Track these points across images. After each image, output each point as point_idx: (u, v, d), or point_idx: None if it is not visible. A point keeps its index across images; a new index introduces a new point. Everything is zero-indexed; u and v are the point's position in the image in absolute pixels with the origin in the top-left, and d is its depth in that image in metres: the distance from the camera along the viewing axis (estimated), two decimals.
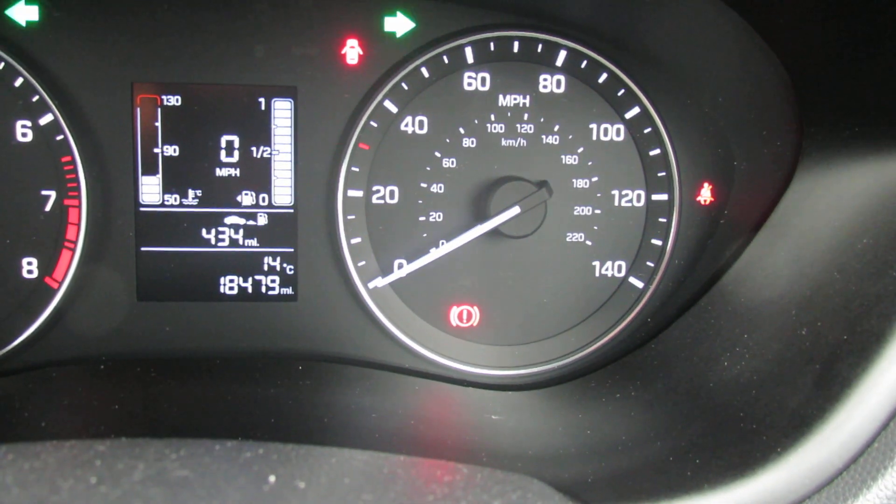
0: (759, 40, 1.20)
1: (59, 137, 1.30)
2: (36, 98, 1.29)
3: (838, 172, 1.19)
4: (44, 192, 1.32)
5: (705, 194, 1.41)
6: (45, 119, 1.30)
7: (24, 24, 1.29)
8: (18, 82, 1.28)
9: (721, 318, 1.26)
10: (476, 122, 1.37)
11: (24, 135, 1.30)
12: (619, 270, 1.43)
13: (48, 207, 1.32)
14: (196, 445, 0.72)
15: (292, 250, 1.38)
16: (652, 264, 1.41)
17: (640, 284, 1.42)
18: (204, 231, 1.36)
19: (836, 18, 1.08)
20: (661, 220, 1.41)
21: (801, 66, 1.20)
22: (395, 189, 1.38)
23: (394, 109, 1.35)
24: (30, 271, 1.33)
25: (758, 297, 1.22)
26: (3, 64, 1.28)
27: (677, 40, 1.32)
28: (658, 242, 1.41)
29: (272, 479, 0.67)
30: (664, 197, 1.41)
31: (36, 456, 0.68)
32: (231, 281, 1.38)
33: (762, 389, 1.05)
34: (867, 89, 1.12)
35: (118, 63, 1.31)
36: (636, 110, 1.39)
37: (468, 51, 1.35)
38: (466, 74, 1.37)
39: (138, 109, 1.33)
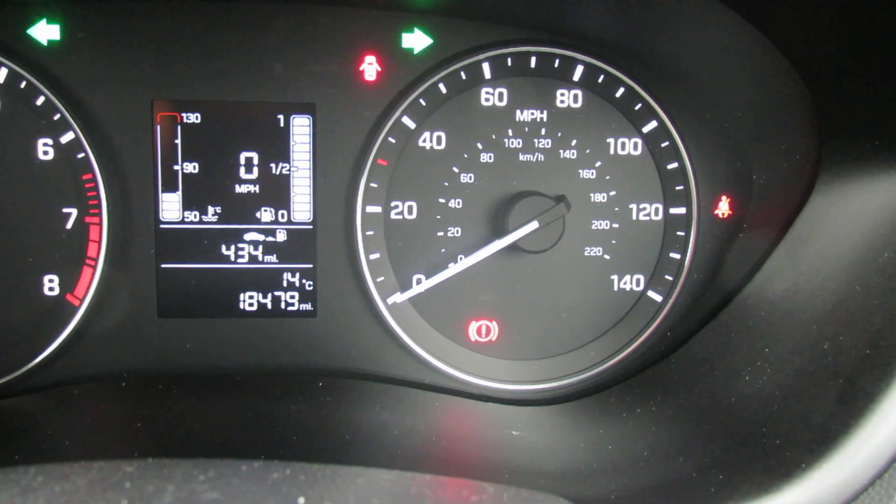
0: (778, 54, 1.20)
1: (80, 155, 1.31)
2: (57, 116, 1.30)
3: (858, 186, 1.19)
4: (65, 210, 1.33)
5: (723, 208, 1.40)
6: (67, 137, 1.31)
7: (45, 43, 1.30)
8: (40, 101, 1.30)
9: (741, 333, 1.26)
10: (494, 137, 1.38)
11: (45, 153, 1.31)
12: (638, 284, 1.43)
13: (69, 225, 1.33)
14: (224, 466, 0.72)
15: (311, 266, 1.39)
16: (670, 278, 1.41)
17: (658, 298, 1.42)
18: (223, 247, 1.37)
19: (854, 32, 1.08)
20: (679, 233, 1.41)
21: (819, 80, 1.20)
22: (414, 204, 1.38)
23: (412, 125, 1.36)
24: (51, 288, 1.34)
25: (778, 311, 1.21)
26: (24, 83, 1.29)
27: (695, 54, 1.32)
28: (676, 256, 1.41)
29: (301, 501, 0.67)
30: (682, 210, 1.40)
31: (66, 478, 0.69)
32: (250, 297, 1.38)
33: (785, 404, 1.04)
34: (887, 102, 1.12)
35: (138, 81, 1.33)
36: (653, 124, 1.39)
37: (486, 66, 1.36)
38: (484, 90, 1.37)
39: (158, 127, 1.34)
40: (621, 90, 1.38)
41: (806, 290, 1.18)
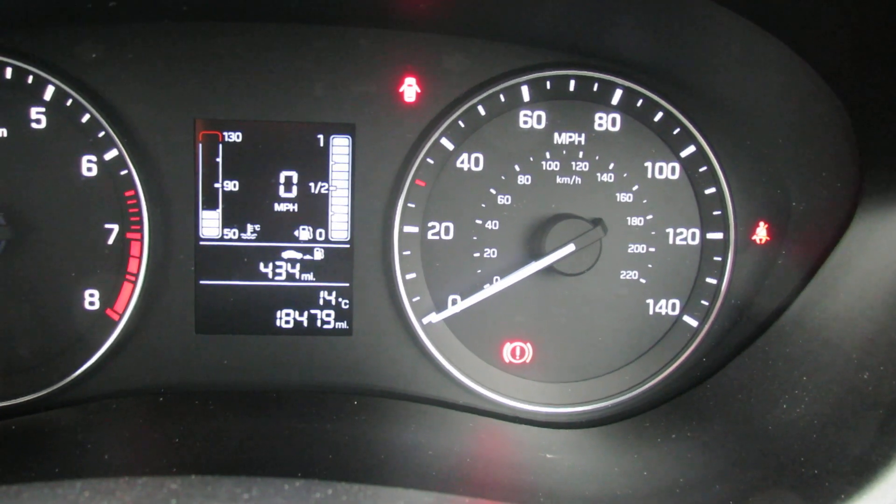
0: (819, 80, 1.19)
1: (124, 172, 1.33)
2: (102, 134, 1.32)
3: None
4: (107, 226, 1.35)
5: (761, 233, 1.40)
6: (111, 154, 1.33)
7: (91, 61, 1.33)
8: (85, 118, 1.32)
9: (779, 360, 1.25)
10: (531, 159, 1.38)
11: (89, 169, 1.34)
12: (673, 309, 1.42)
13: (111, 241, 1.35)
14: (266, 485, 0.73)
15: (348, 285, 1.39)
16: (706, 303, 1.41)
17: (694, 323, 1.41)
18: (261, 265, 1.38)
19: None
20: (716, 258, 1.40)
21: (861, 107, 1.19)
22: (451, 225, 1.39)
23: (450, 147, 1.37)
24: (92, 303, 1.36)
25: (817, 340, 1.21)
26: (70, 101, 1.32)
27: (734, 79, 1.32)
28: (713, 281, 1.40)
29: None
30: (719, 235, 1.40)
31: (112, 494, 0.69)
32: (287, 315, 1.39)
33: (823, 434, 1.04)
34: None
35: (181, 100, 1.35)
36: (692, 149, 1.39)
37: (524, 89, 1.37)
38: (522, 112, 1.38)
39: (200, 145, 1.35)
40: (660, 114, 1.38)
41: (845, 319, 1.17)
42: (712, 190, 1.39)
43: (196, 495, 0.69)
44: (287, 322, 1.39)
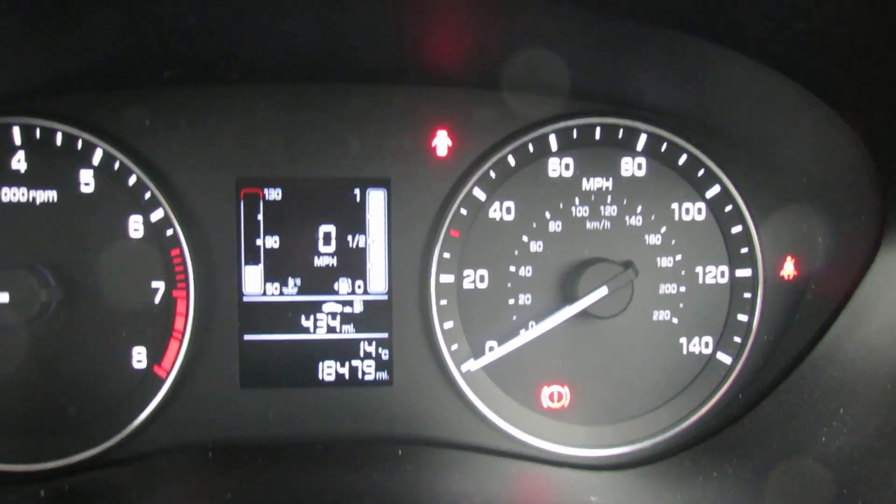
0: (840, 121, 1.22)
1: (169, 232, 1.37)
2: (148, 195, 1.36)
3: None
4: (154, 285, 1.38)
5: (788, 269, 1.42)
6: (157, 215, 1.37)
7: (136, 125, 1.37)
8: (132, 181, 1.36)
9: (815, 393, 1.27)
10: (561, 206, 1.42)
11: (136, 230, 1.38)
12: (707, 347, 1.44)
13: (157, 299, 1.38)
14: None
15: (387, 336, 1.42)
16: (739, 340, 1.43)
17: (728, 360, 1.43)
18: (303, 318, 1.41)
19: None
20: (745, 295, 1.43)
21: (883, 145, 1.22)
22: (485, 273, 1.42)
23: (482, 197, 1.40)
24: (139, 361, 1.39)
25: (851, 371, 1.22)
26: (118, 163, 1.36)
27: (757, 122, 1.35)
28: (744, 318, 1.43)
29: None
30: (748, 272, 1.43)
31: None
32: (329, 367, 1.42)
33: (864, 465, 1.05)
34: None
35: (223, 160, 1.39)
36: (717, 189, 1.42)
37: (552, 138, 1.41)
38: (551, 161, 1.42)
39: (242, 203, 1.39)
40: (684, 157, 1.42)
41: (879, 350, 1.19)
42: (739, 228, 1.42)
43: None
44: (329, 374, 1.42)
